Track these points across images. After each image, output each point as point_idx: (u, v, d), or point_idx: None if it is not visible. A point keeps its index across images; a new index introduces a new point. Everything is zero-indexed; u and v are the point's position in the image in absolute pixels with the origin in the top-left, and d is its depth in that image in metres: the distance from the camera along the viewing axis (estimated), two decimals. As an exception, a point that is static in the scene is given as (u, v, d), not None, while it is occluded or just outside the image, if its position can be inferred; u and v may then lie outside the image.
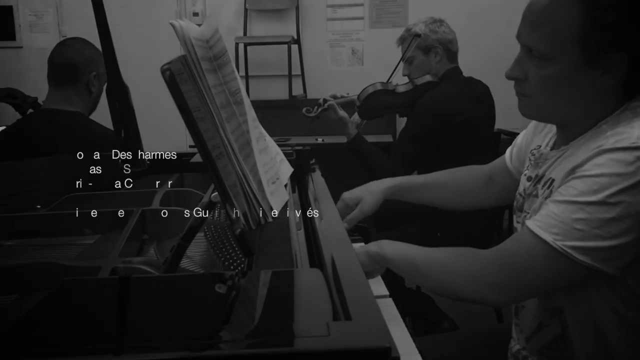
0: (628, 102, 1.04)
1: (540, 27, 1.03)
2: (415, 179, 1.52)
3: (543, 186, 1.12)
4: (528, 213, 1.15)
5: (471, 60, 2.39)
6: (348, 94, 2.44)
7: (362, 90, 2.39)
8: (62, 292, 0.71)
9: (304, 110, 2.37)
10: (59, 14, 4.25)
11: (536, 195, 1.13)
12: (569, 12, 1.00)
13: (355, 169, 2.40)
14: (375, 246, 1.18)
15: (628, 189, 0.94)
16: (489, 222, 2.33)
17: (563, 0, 1.01)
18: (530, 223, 1.02)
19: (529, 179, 1.19)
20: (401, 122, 3.85)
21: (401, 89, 2.37)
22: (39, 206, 1.43)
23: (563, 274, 0.99)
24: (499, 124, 3.86)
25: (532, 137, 1.31)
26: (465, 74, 2.43)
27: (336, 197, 1.21)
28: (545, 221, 0.99)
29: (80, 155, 1.59)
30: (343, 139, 2.41)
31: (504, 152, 1.45)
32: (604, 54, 1.00)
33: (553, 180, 1.09)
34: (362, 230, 1.60)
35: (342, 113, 2.33)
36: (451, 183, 1.50)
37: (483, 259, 1.06)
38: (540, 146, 1.22)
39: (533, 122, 1.32)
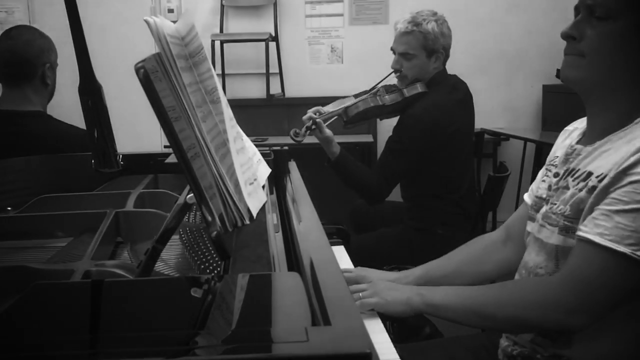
0: None
1: None
2: (436, 268, 1.40)
3: (576, 179, 1.11)
4: (555, 204, 1.14)
5: (454, 59, 2.37)
6: (333, 112, 2.30)
7: (352, 105, 2.29)
8: (32, 297, 0.70)
9: (291, 133, 2.28)
10: (30, 10, 4.17)
11: (566, 187, 1.13)
12: None
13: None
14: (415, 295, 1.16)
15: None
16: (472, 226, 2.33)
17: None
18: (597, 239, 1.00)
19: (556, 175, 1.19)
20: (382, 123, 3.86)
21: (389, 101, 2.29)
22: (9, 208, 1.40)
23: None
24: (482, 124, 3.92)
25: (552, 155, 1.29)
26: (449, 72, 2.40)
27: (315, 197, 1.20)
28: (617, 234, 0.99)
29: (50, 156, 1.57)
30: None
31: (487, 152, 1.44)
32: None
33: (590, 173, 1.08)
34: (341, 233, 1.59)
35: (327, 132, 2.22)
36: (469, 259, 1.42)
37: (555, 286, 1.05)
38: (558, 157, 1.23)
39: (554, 146, 1.31)
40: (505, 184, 2.40)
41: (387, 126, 3.68)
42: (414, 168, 2.24)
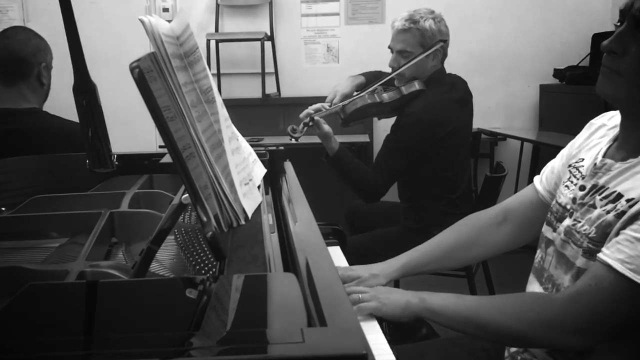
0: None
1: None
2: (422, 255, 1.38)
3: (604, 198, 1.06)
4: (580, 222, 1.09)
5: (452, 58, 2.36)
6: (330, 109, 2.28)
7: (350, 102, 2.28)
8: (27, 298, 0.70)
9: (289, 129, 2.26)
10: (24, 9, 4.16)
11: (593, 206, 1.07)
12: None
13: (330, 169, 2.37)
14: (415, 298, 1.13)
15: None
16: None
17: None
18: (617, 265, 0.97)
19: (582, 188, 1.12)
20: (379, 123, 3.86)
21: (387, 99, 2.28)
22: (3, 208, 1.39)
23: None
24: (479, 124, 3.92)
25: (576, 152, 1.24)
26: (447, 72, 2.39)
27: (311, 198, 1.20)
28: (638, 263, 0.95)
29: (44, 156, 1.56)
30: (317, 138, 2.35)
31: (484, 152, 1.41)
32: None
33: (620, 195, 1.03)
34: (337, 233, 1.59)
35: (326, 128, 2.21)
36: (459, 245, 1.38)
37: (558, 305, 1.02)
38: (584, 160, 1.18)
39: (577, 140, 1.26)
40: (502, 184, 2.40)
41: (383, 126, 3.69)
42: (411, 167, 2.24)
